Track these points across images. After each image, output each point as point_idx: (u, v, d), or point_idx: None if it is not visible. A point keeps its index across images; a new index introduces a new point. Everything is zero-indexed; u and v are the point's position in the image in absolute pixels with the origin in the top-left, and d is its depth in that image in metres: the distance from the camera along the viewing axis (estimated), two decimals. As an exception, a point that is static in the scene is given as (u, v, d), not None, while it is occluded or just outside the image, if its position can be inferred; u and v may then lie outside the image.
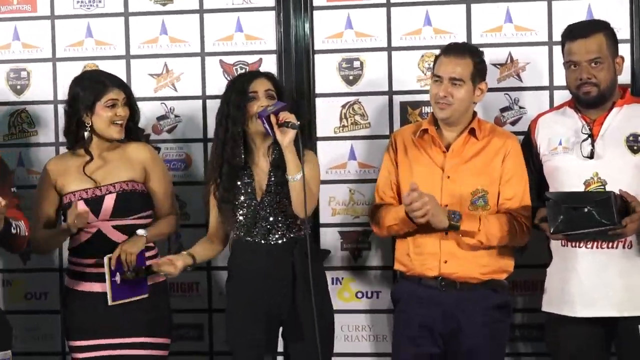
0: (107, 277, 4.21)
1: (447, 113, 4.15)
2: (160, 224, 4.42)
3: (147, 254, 4.33)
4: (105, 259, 4.21)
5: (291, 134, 3.97)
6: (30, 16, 5.01)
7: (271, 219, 4.20)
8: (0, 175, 4.12)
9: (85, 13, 4.98)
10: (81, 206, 4.19)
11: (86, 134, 4.33)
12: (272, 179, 4.20)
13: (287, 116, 3.99)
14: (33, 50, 5.02)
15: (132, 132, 4.42)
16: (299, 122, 3.96)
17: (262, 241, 4.22)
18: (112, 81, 4.35)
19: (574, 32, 4.12)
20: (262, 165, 4.24)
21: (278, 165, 4.17)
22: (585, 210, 3.84)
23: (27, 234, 4.08)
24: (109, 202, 4.28)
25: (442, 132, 4.24)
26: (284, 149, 4.00)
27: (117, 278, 4.22)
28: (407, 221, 4.06)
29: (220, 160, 4.22)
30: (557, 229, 3.92)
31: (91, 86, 4.31)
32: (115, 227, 4.31)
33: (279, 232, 4.22)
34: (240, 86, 4.21)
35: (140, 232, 4.29)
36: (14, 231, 3.97)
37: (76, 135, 4.36)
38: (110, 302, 4.22)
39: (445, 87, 4.12)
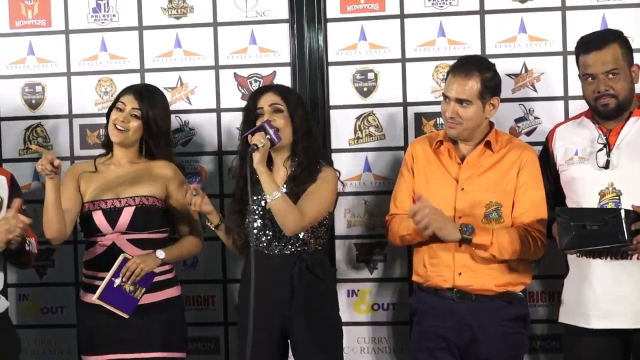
0: (111, 273, 4.19)
1: (456, 132, 4.15)
2: (181, 245, 4.41)
3: (157, 278, 4.31)
4: (121, 257, 4.20)
5: (255, 155, 4.01)
6: (44, 31, 5.01)
7: (273, 229, 4.20)
8: (13, 194, 4.15)
9: (99, 27, 4.98)
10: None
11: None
12: (287, 189, 4.19)
13: (255, 139, 4.03)
14: (48, 65, 5.01)
15: (151, 150, 4.42)
16: (262, 145, 3.99)
17: (265, 251, 4.22)
18: (133, 88, 4.42)
19: (588, 45, 4.07)
20: (279, 176, 4.24)
21: (294, 177, 4.18)
22: (595, 227, 3.82)
23: (36, 251, 4.15)
24: (127, 214, 4.28)
25: (458, 145, 4.22)
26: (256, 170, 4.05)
27: (117, 281, 4.19)
28: (419, 231, 4.05)
29: (237, 175, 4.30)
30: (567, 246, 3.91)
31: (121, 91, 4.45)
32: (130, 240, 4.30)
33: (281, 244, 4.21)
34: (250, 103, 4.28)
35: (159, 254, 4.28)
36: (27, 248, 4.04)
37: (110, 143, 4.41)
38: (94, 297, 4.20)
39: (452, 108, 4.10)
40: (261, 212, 4.22)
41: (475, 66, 4.13)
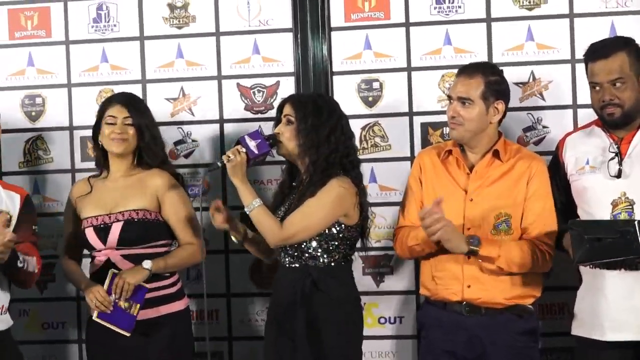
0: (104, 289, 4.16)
1: (457, 133, 4.11)
2: (174, 255, 4.34)
3: (158, 293, 4.26)
4: (110, 273, 4.16)
5: (228, 168, 4.02)
6: (44, 42, 5.01)
7: None
8: (25, 213, 4.17)
9: (100, 38, 4.97)
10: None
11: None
12: (291, 202, 4.16)
13: (227, 153, 4.04)
14: (48, 76, 5.01)
15: (144, 157, 4.37)
16: (227, 161, 3.99)
17: (282, 261, 4.19)
18: (118, 99, 4.39)
19: (595, 53, 4.02)
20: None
21: (302, 189, 4.13)
22: (610, 240, 3.77)
23: (37, 271, 4.12)
24: (115, 230, 4.25)
25: (467, 154, 4.18)
26: None
27: (112, 298, 4.14)
28: (428, 241, 4.00)
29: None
30: (580, 259, 3.87)
31: (100, 105, 4.40)
32: (124, 256, 4.27)
33: (289, 256, 4.15)
34: (278, 108, 4.25)
35: (145, 264, 4.21)
36: (20, 264, 4.00)
37: (103, 159, 4.39)
38: (93, 316, 4.16)
39: (454, 107, 4.09)
40: None
41: (480, 69, 4.14)
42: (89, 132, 4.72)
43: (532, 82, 4.71)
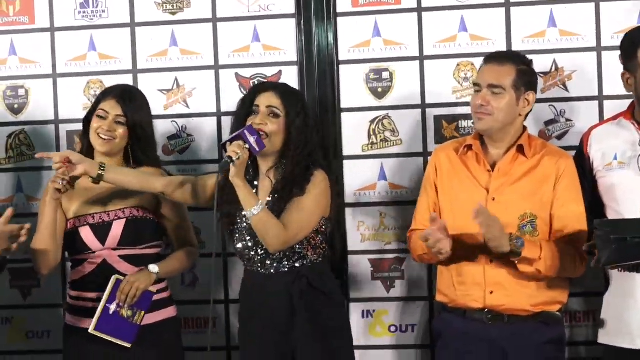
0: (104, 299, 4.05)
1: (485, 124, 4.00)
2: (172, 260, 4.26)
3: (155, 297, 4.17)
4: (113, 279, 4.07)
5: (232, 169, 3.87)
6: (28, 29, 4.91)
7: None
8: None
9: (87, 24, 4.88)
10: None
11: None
12: (269, 202, 4.05)
13: (230, 149, 3.88)
14: (31, 66, 4.91)
15: (138, 157, 4.28)
16: (237, 158, 3.83)
17: (261, 270, 4.06)
18: (114, 92, 4.28)
19: None
20: (265, 186, 4.11)
21: (281, 188, 4.03)
22: (638, 240, 3.68)
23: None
24: (117, 229, 4.15)
25: (488, 149, 4.08)
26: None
27: (113, 307, 4.05)
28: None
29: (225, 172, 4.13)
30: (607, 260, 3.75)
31: (98, 95, 4.34)
32: (122, 257, 4.17)
33: (276, 261, 4.03)
34: (247, 97, 4.16)
35: (152, 268, 4.13)
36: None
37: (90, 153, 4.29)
38: (90, 329, 4.04)
39: (483, 95, 3.99)
40: (250, 230, 4.03)
41: (510, 57, 4.09)
42: (75, 126, 4.67)
43: (555, 72, 4.62)
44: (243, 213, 3.97)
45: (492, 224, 3.78)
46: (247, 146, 3.89)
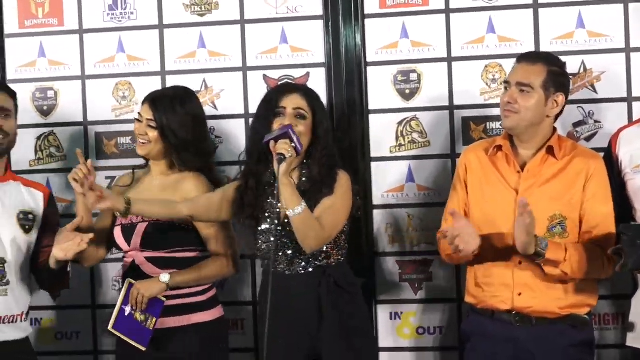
0: (120, 300, 4.10)
1: (511, 122, 3.96)
2: (192, 270, 4.19)
3: (183, 301, 4.16)
4: (126, 283, 4.11)
5: (283, 166, 3.82)
6: (57, 30, 4.92)
7: (293, 246, 4.01)
8: (51, 213, 4.27)
9: (116, 26, 4.89)
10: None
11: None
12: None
13: (280, 147, 3.84)
14: (60, 68, 4.92)
15: (181, 162, 4.26)
16: (289, 155, 3.82)
17: (287, 271, 4.05)
18: (149, 97, 4.28)
19: None
20: None
21: (310, 188, 4.02)
22: None
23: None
24: (139, 231, 4.19)
25: (518, 150, 4.04)
26: (278, 181, 3.85)
27: (128, 309, 4.08)
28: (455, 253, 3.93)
29: (247, 170, 4.12)
30: (633, 266, 3.71)
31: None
32: (148, 259, 4.19)
33: (303, 261, 4.03)
34: (272, 97, 4.14)
35: (163, 277, 4.10)
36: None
37: None
38: (109, 327, 4.10)
39: (511, 93, 3.96)
40: (279, 230, 4.02)
41: (542, 57, 4.06)
42: (104, 128, 4.80)
43: (583, 73, 4.58)
44: (266, 215, 3.99)
45: (531, 221, 3.72)
46: (293, 145, 3.86)
